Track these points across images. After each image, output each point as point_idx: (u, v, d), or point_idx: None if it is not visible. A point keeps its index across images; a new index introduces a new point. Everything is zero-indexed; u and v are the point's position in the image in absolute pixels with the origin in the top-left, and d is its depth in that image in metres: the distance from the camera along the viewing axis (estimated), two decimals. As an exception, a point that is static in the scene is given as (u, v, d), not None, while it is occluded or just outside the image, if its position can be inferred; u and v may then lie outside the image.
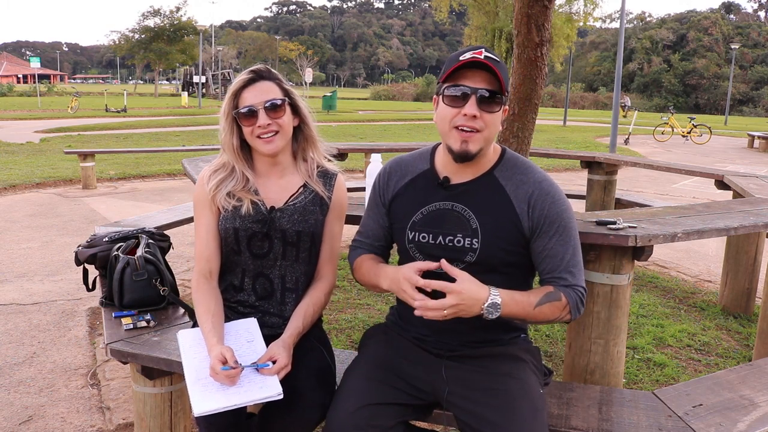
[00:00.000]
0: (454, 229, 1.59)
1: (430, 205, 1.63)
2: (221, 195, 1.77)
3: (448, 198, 1.61)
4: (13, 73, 76.84)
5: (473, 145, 1.52)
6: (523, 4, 3.77)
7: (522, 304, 1.49)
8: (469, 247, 1.57)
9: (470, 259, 1.57)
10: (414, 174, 1.69)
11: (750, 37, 75.50)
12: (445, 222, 1.60)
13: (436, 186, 1.64)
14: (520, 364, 1.63)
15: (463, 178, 1.62)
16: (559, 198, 1.57)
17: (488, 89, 1.49)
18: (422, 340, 1.68)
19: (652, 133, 21.37)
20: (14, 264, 4.75)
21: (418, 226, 1.63)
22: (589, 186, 5.33)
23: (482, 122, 1.50)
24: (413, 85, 69.24)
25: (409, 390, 1.62)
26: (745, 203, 3.01)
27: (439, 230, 1.60)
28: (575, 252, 1.57)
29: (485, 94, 1.49)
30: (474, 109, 1.48)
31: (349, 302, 3.96)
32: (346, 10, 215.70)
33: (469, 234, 1.57)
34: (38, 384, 2.86)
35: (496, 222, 1.56)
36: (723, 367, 3.11)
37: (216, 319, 1.71)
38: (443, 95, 1.53)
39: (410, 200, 1.67)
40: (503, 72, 1.49)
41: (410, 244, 1.65)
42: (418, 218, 1.64)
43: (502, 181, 1.59)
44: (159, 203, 7.32)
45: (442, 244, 1.60)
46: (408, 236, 1.64)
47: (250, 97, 1.73)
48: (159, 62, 52.61)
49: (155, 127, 19.14)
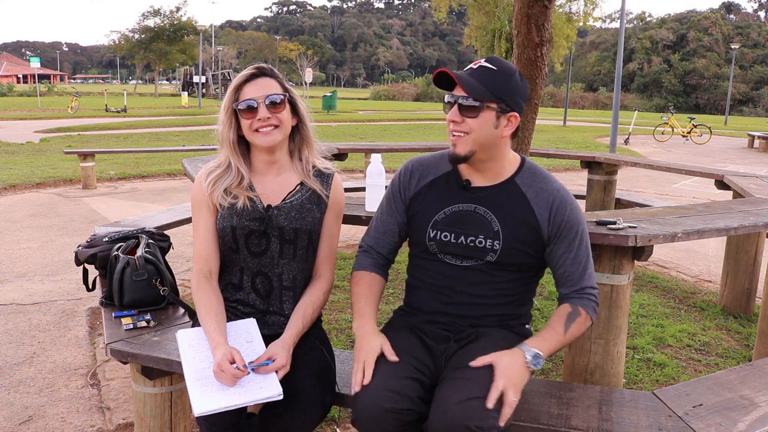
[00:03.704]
0: (477, 230, 1.68)
1: (454, 206, 1.72)
2: (218, 192, 1.78)
3: (470, 200, 1.71)
4: (13, 73, 76.87)
5: (460, 147, 1.64)
6: (523, 4, 3.77)
7: (553, 338, 1.61)
8: (490, 248, 1.67)
9: (490, 259, 1.68)
10: (437, 174, 1.77)
11: (750, 37, 75.44)
12: (467, 223, 1.69)
13: (459, 188, 1.72)
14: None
15: (484, 183, 1.72)
16: (576, 206, 1.71)
17: (465, 96, 1.60)
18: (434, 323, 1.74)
19: (652, 133, 21.37)
20: (14, 264, 4.75)
21: (441, 225, 1.71)
22: (589, 186, 5.33)
23: (467, 126, 1.61)
24: (413, 85, 69.19)
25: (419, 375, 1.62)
26: (745, 203, 3.01)
27: (461, 230, 1.69)
28: (590, 256, 1.71)
29: (464, 102, 1.60)
30: (455, 115, 1.62)
31: (349, 302, 3.95)
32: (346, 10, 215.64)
33: (491, 236, 1.67)
34: (38, 384, 2.86)
35: (517, 226, 1.67)
36: (723, 367, 3.11)
37: (219, 319, 1.72)
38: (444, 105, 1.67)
39: (433, 199, 1.75)
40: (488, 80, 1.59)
41: (431, 241, 1.72)
42: (440, 217, 1.72)
43: (522, 188, 1.70)
44: (159, 203, 7.32)
45: (463, 243, 1.69)
46: (429, 234, 1.72)
47: (251, 91, 1.75)
48: (159, 62, 52.59)
49: (155, 127, 19.14)
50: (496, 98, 1.60)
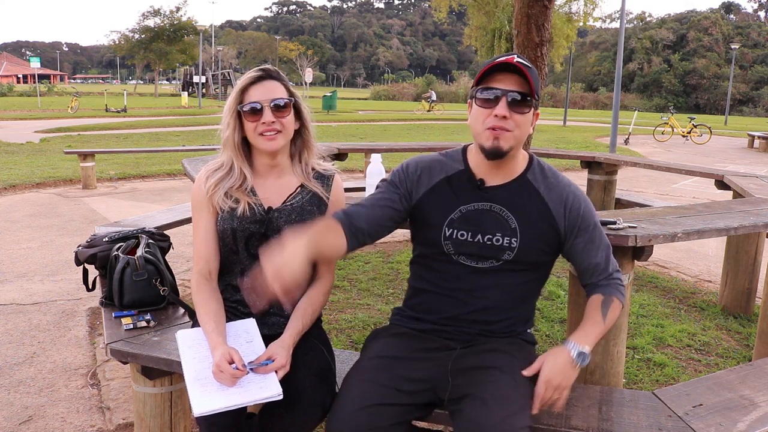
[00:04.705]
0: (493, 229, 1.66)
1: (469, 204, 1.69)
2: (219, 195, 1.77)
3: (485, 199, 1.68)
4: (13, 73, 76.86)
5: (504, 142, 1.59)
6: (523, 4, 3.77)
7: (595, 330, 1.63)
8: (508, 246, 1.66)
9: (507, 257, 1.66)
10: (448, 173, 1.73)
11: (750, 37, 75.43)
12: (484, 221, 1.67)
13: (473, 187, 1.70)
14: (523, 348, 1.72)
15: (497, 181, 1.69)
16: (587, 199, 1.72)
17: (519, 91, 1.56)
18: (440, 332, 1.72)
19: (652, 133, 21.36)
20: (14, 264, 4.75)
21: (457, 224, 1.68)
22: (589, 186, 5.33)
23: (513, 122, 1.58)
24: (413, 85, 69.16)
25: (411, 388, 1.62)
26: (745, 203, 3.01)
27: (478, 229, 1.67)
28: (609, 244, 1.75)
29: (516, 97, 1.56)
30: (504, 110, 1.56)
31: (349, 302, 3.95)
32: (346, 10, 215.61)
33: (508, 234, 1.66)
34: (38, 384, 2.86)
35: (534, 223, 1.66)
36: (723, 367, 3.11)
37: (218, 319, 1.72)
38: (476, 98, 1.61)
39: (446, 198, 1.71)
40: (534, 75, 1.56)
41: (446, 240, 1.69)
42: (456, 216, 1.69)
43: (535, 184, 1.69)
44: (159, 203, 7.32)
45: (480, 242, 1.67)
46: (445, 233, 1.69)
47: (256, 94, 1.74)
48: (159, 62, 52.60)
49: (155, 127, 19.14)
50: (537, 96, 1.60)
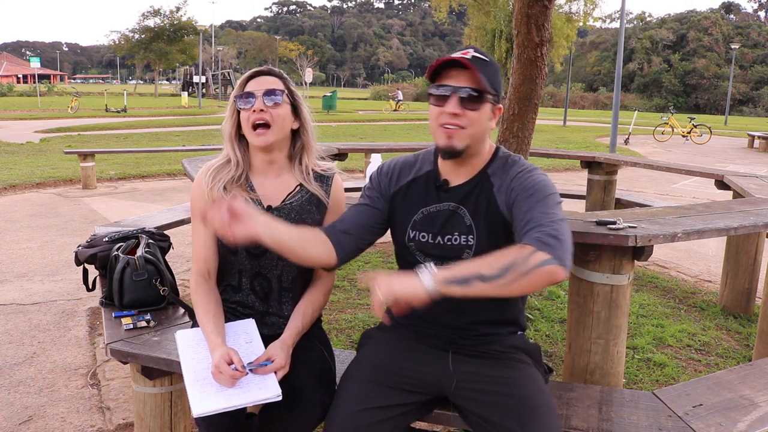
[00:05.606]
0: (452, 229, 1.63)
1: (431, 206, 1.67)
2: (218, 186, 1.77)
3: (445, 199, 1.66)
4: (13, 73, 76.85)
5: (458, 140, 1.55)
6: (523, 4, 3.76)
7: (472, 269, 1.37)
8: (465, 244, 1.62)
9: (467, 256, 1.61)
10: (417, 174, 1.73)
11: (750, 37, 75.44)
12: (442, 222, 1.65)
13: (436, 188, 1.68)
14: (524, 360, 1.66)
15: (460, 180, 1.66)
16: (537, 175, 1.55)
17: (471, 87, 1.52)
18: (424, 334, 1.70)
19: (652, 133, 21.37)
20: (14, 264, 4.75)
21: (419, 226, 1.67)
22: (589, 186, 5.33)
23: (466, 119, 1.53)
24: (413, 85, 69.18)
25: (411, 387, 1.62)
26: (745, 203, 3.01)
27: (438, 230, 1.64)
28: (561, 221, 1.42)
29: (467, 93, 1.52)
30: (455, 107, 1.52)
31: (349, 302, 3.96)
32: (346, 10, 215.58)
33: (464, 232, 1.62)
34: (38, 384, 2.86)
35: (486, 217, 1.61)
36: (723, 367, 3.11)
37: (217, 320, 1.71)
38: (430, 95, 1.58)
39: (411, 200, 1.70)
40: (487, 71, 1.52)
41: (410, 242, 1.68)
42: (418, 218, 1.68)
43: (492, 178, 1.63)
44: (159, 203, 7.32)
45: (441, 243, 1.64)
46: (409, 234, 1.68)
47: (253, 85, 1.77)
48: (159, 62, 52.62)
49: (155, 127, 19.14)
50: (494, 90, 1.55)
